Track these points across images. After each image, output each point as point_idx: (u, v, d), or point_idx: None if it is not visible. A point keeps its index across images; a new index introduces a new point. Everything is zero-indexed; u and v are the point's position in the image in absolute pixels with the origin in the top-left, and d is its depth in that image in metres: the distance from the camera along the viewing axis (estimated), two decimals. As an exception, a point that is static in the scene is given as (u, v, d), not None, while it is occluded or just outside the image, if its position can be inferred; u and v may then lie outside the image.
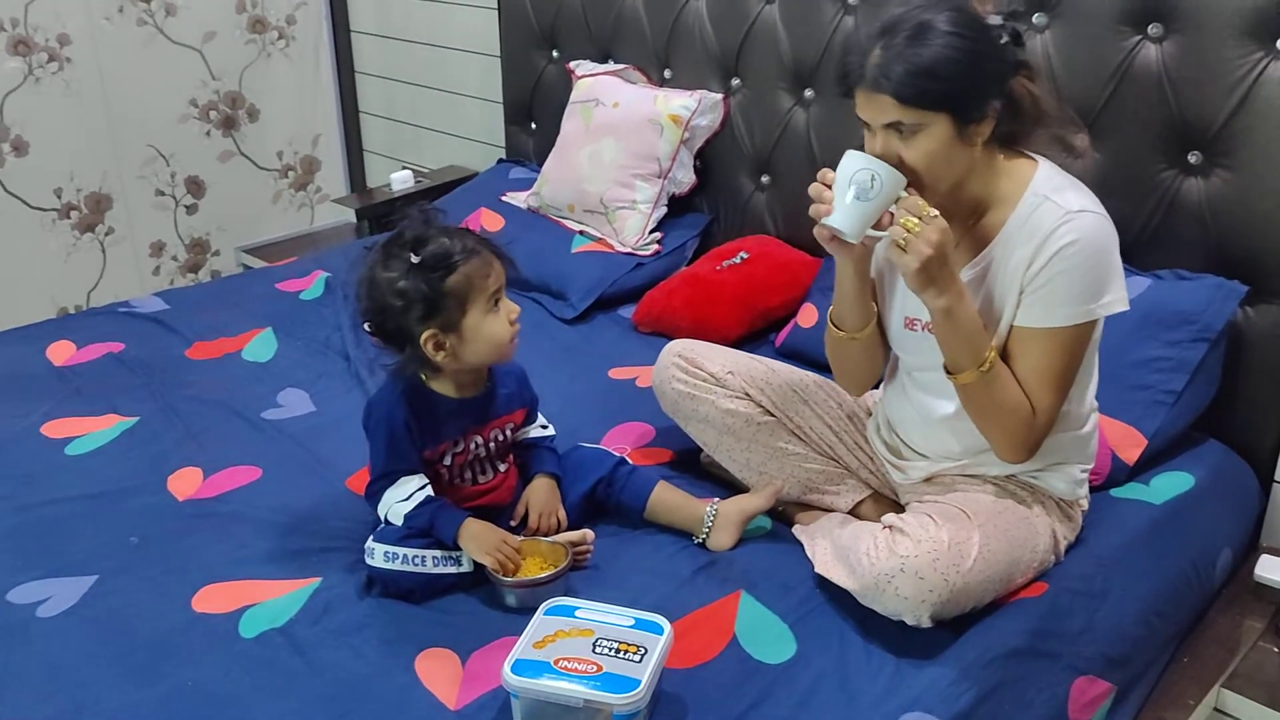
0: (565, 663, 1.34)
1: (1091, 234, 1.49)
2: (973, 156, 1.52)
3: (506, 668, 1.34)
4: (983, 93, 1.47)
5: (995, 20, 1.50)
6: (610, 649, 1.36)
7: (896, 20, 1.47)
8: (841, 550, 1.57)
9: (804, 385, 1.86)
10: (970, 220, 1.59)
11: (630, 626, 1.41)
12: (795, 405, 1.83)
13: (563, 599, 1.48)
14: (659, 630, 1.40)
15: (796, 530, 1.72)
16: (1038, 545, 1.60)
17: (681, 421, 1.87)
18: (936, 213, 1.45)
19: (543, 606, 1.46)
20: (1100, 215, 1.52)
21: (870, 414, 1.87)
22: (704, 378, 1.84)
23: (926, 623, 1.47)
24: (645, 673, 1.32)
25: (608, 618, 1.42)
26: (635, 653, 1.36)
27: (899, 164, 1.48)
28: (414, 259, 1.57)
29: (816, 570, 1.59)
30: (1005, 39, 1.49)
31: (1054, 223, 1.50)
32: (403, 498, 1.61)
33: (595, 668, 1.33)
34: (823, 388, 1.88)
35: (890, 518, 1.57)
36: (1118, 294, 1.53)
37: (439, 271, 1.57)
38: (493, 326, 1.61)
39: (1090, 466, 1.73)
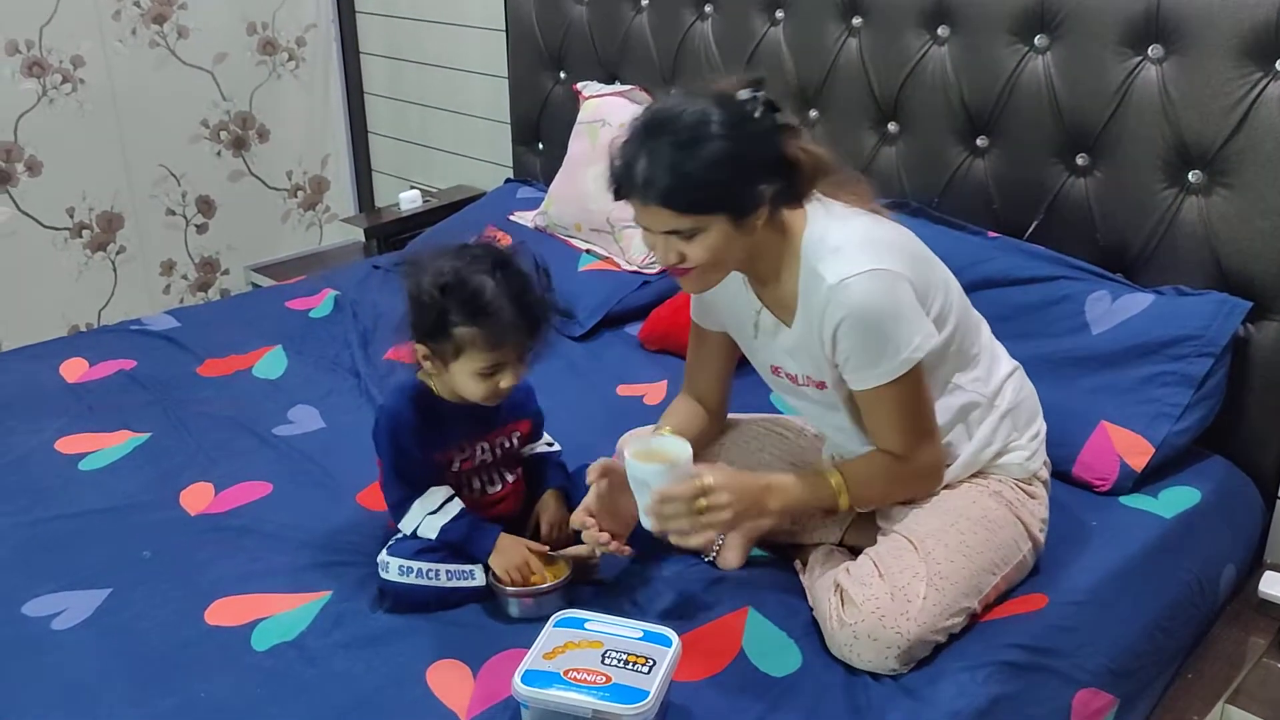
0: (575, 673, 1.36)
1: (859, 301, 1.47)
2: (754, 239, 1.52)
3: (516, 678, 1.36)
4: (754, 186, 1.47)
5: (745, 94, 1.48)
6: (619, 660, 1.38)
7: (658, 121, 1.46)
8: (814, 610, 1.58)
9: (756, 434, 1.87)
10: (774, 286, 1.59)
11: (639, 639, 1.42)
12: (750, 455, 1.83)
13: (572, 611, 1.49)
14: (667, 643, 1.42)
15: (798, 566, 1.72)
16: (1002, 540, 1.60)
17: None
18: (708, 480, 1.50)
19: (553, 618, 1.47)
20: (865, 273, 1.47)
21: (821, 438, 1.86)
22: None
23: (902, 671, 1.47)
24: (654, 684, 1.34)
25: (617, 630, 1.44)
26: (644, 664, 1.37)
27: (681, 260, 1.50)
28: (440, 294, 1.55)
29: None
30: (759, 110, 1.48)
31: (823, 302, 1.50)
32: (433, 509, 1.63)
33: (604, 679, 1.35)
34: (772, 430, 1.88)
35: (840, 576, 1.55)
36: (921, 335, 1.50)
37: (456, 316, 1.56)
38: (471, 386, 1.60)
39: (1036, 431, 1.72)
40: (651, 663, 1.37)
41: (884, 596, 1.48)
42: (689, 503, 1.49)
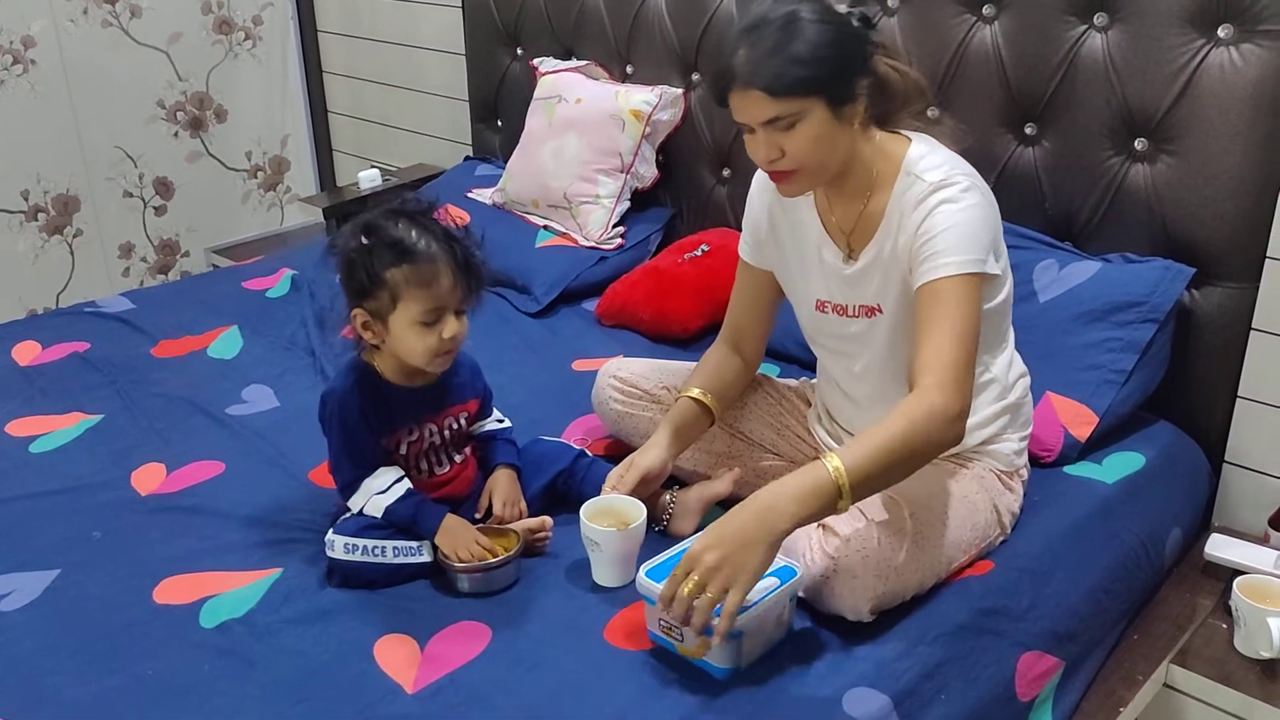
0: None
1: (960, 196, 1.53)
2: (852, 138, 1.56)
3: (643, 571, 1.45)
4: (850, 71, 1.52)
5: (843, 8, 1.55)
6: None
7: (756, 19, 1.51)
8: (785, 551, 1.59)
9: (747, 389, 1.88)
10: (860, 206, 1.63)
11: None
12: (734, 410, 1.86)
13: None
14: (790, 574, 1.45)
15: None
16: (977, 522, 1.63)
17: (625, 438, 1.91)
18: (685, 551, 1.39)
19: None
20: (970, 187, 1.55)
21: (810, 404, 1.90)
22: (639, 395, 1.89)
23: (868, 617, 1.49)
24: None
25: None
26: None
27: (781, 156, 1.52)
28: (364, 240, 1.57)
29: None
30: (856, 24, 1.54)
31: (923, 194, 1.55)
32: (381, 489, 1.63)
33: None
34: (761, 386, 1.91)
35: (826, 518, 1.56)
36: (993, 260, 1.55)
37: (384, 259, 1.56)
38: (412, 340, 1.59)
39: (1027, 434, 1.76)
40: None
41: (870, 540, 1.50)
42: (679, 585, 1.36)
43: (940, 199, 1.53)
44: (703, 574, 1.35)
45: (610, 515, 1.61)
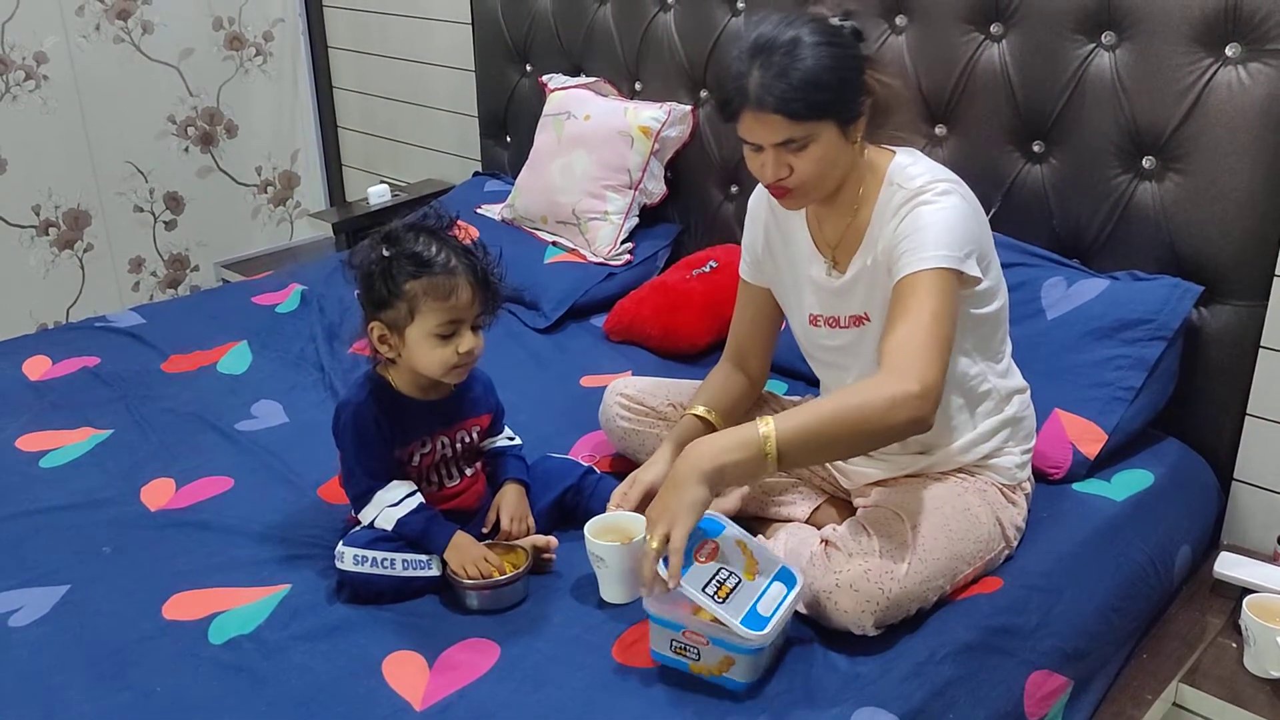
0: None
1: (938, 197, 1.55)
2: (853, 154, 1.59)
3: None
4: (855, 91, 1.54)
5: (837, 22, 1.57)
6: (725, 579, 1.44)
7: (765, 40, 1.52)
8: (788, 563, 1.59)
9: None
10: (847, 220, 1.65)
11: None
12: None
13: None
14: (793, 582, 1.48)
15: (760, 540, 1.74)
16: (980, 535, 1.62)
17: (631, 456, 1.92)
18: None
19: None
20: (947, 188, 1.56)
21: None
22: (645, 413, 1.90)
23: (872, 631, 1.48)
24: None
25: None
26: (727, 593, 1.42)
27: (789, 174, 1.55)
28: (385, 251, 1.59)
29: None
30: (849, 34, 1.56)
31: (902, 201, 1.57)
32: (394, 502, 1.63)
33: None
34: (766, 403, 1.93)
35: (826, 531, 1.59)
36: (973, 261, 1.54)
37: (404, 271, 1.58)
38: (429, 353, 1.60)
39: (1030, 448, 1.77)
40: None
41: (873, 553, 1.50)
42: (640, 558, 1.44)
43: (918, 202, 1.56)
44: (648, 527, 1.43)
45: (615, 532, 1.61)
